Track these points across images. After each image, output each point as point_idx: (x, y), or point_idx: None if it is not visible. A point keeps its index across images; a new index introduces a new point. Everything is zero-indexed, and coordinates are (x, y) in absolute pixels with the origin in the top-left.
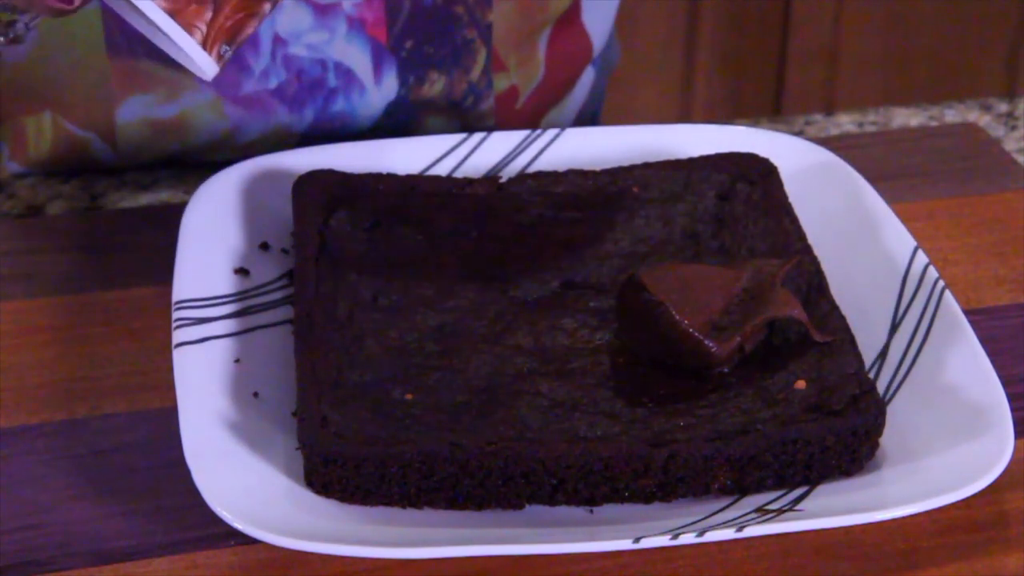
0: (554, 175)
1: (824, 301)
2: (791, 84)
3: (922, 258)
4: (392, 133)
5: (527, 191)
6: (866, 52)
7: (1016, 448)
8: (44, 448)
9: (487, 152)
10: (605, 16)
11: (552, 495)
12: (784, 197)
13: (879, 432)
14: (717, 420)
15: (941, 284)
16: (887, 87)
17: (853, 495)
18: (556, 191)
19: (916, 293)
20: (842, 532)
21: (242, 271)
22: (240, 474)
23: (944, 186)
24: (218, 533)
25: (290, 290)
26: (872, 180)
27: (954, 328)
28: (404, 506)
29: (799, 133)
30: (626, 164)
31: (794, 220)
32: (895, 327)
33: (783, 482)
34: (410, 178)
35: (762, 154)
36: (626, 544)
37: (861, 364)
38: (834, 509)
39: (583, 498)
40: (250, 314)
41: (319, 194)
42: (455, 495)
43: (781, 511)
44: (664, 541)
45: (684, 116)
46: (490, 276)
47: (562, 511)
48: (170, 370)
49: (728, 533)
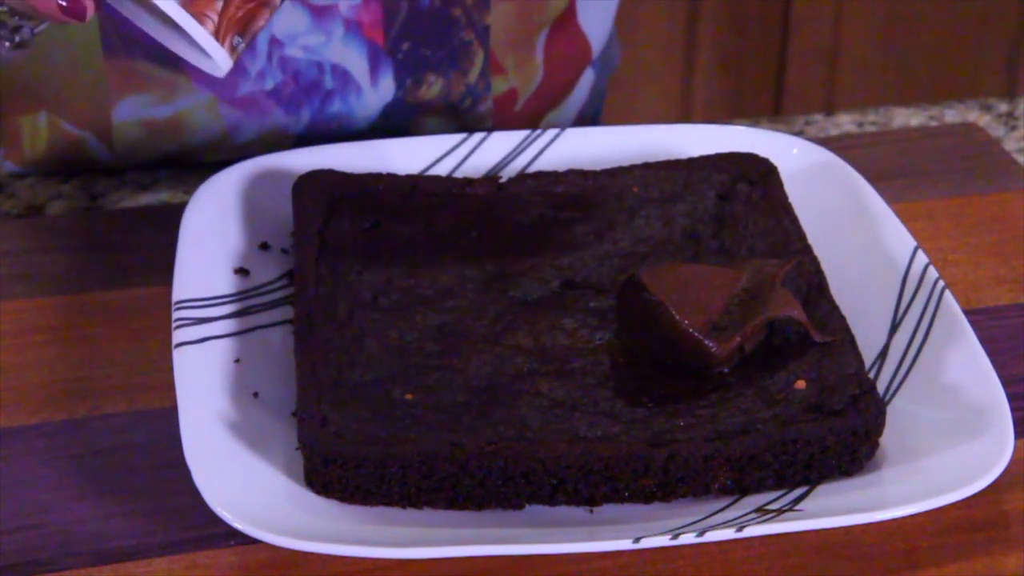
0: (554, 175)
1: (824, 301)
2: (791, 84)
3: (922, 258)
4: (389, 135)
5: (527, 191)
6: (866, 52)
7: (1016, 448)
8: (44, 448)
9: (487, 152)
10: (603, 18)
11: (552, 495)
12: (784, 197)
13: (879, 432)
14: (717, 420)
15: (941, 284)
16: (887, 87)
17: (853, 495)
18: (556, 191)
19: (916, 293)
20: (842, 532)
21: (242, 271)
22: (240, 474)
23: (944, 186)
24: (218, 533)
25: (290, 290)
26: (872, 180)
27: (954, 328)
28: (404, 506)
29: (799, 133)
30: (626, 164)
31: (794, 220)
32: (895, 327)
33: (783, 482)
34: (410, 178)
35: (762, 154)
36: (626, 544)
37: (861, 364)
38: (834, 509)
39: (583, 498)
40: (250, 314)
41: (319, 194)
42: (455, 495)
43: (781, 511)
44: (664, 541)
45: (684, 116)
46: (490, 276)
47: (562, 511)
48: (170, 370)
49: (728, 533)
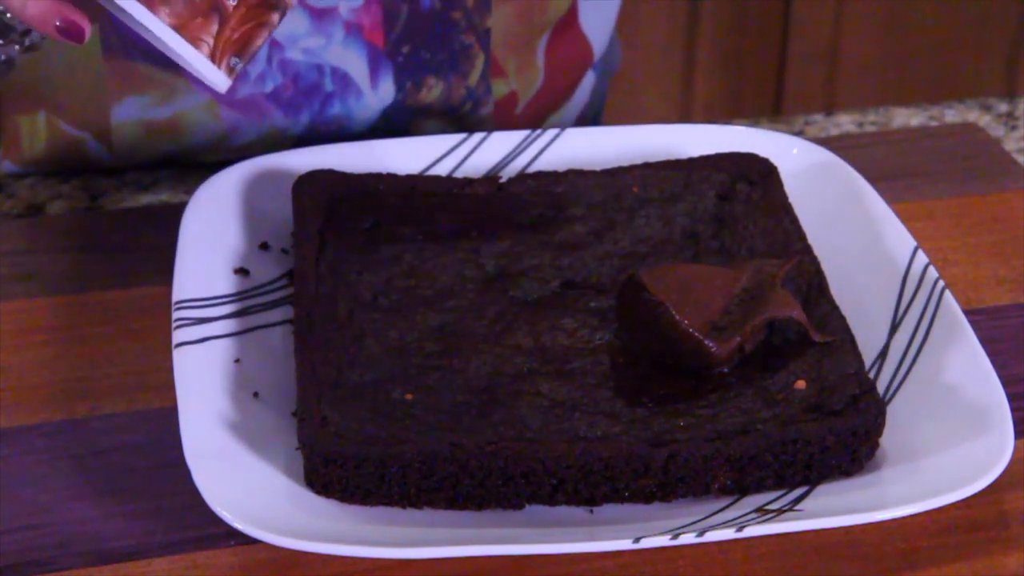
0: (554, 175)
1: (824, 301)
2: (791, 84)
3: (922, 258)
4: (389, 137)
5: (527, 191)
6: (866, 52)
7: (1016, 448)
8: (44, 448)
9: (487, 152)
10: (605, 20)
11: (552, 495)
12: (784, 197)
13: (879, 432)
14: (717, 420)
15: (941, 284)
16: (887, 87)
17: (853, 495)
18: (556, 191)
19: (916, 293)
20: (842, 532)
21: (242, 271)
22: (240, 474)
23: (944, 186)
24: (218, 533)
25: (290, 290)
26: (872, 180)
27: (954, 328)
28: (404, 506)
29: (799, 133)
30: (626, 164)
31: (794, 220)
32: (895, 327)
33: (783, 482)
34: (410, 178)
35: (762, 154)
36: (626, 544)
37: (861, 364)
38: (834, 509)
39: (583, 498)
40: (250, 314)
41: (319, 194)
42: (455, 495)
43: (781, 511)
44: (664, 541)
45: (684, 116)
46: (490, 276)
47: (562, 511)
48: (170, 370)
49: (728, 533)
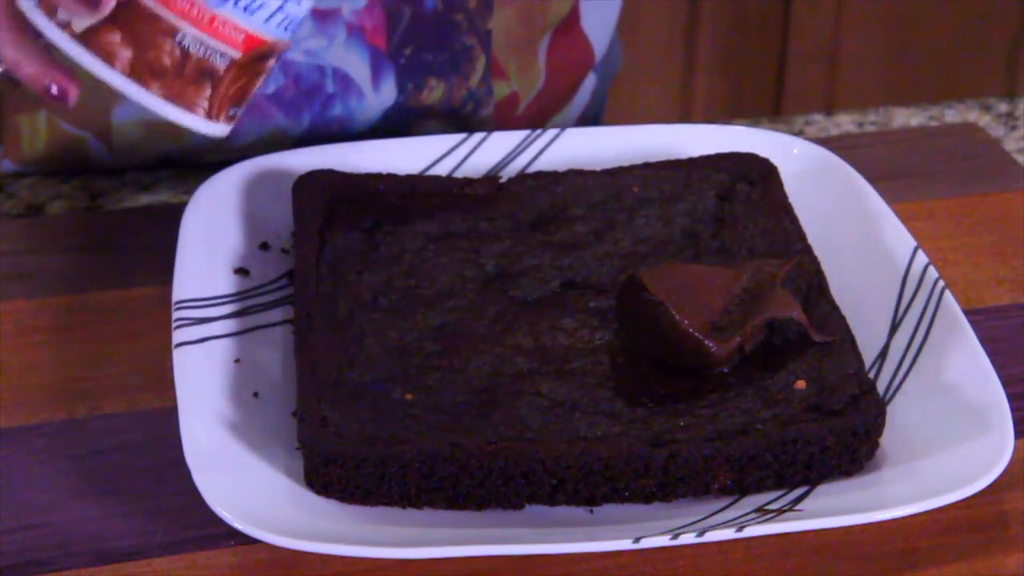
0: (554, 175)
1: (824, 301)
2: (791, 84)
3: (922, 258)
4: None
5: (527, 191)
6: (866, 52)
7: (1016, 448)
8: (44, 448)
9: (487, 152)
10: (606, 22)
11: (552, 495)
12: (784, 197)
13: (879, 432)
14: (717, 420)
15: (941, 284)
16: (887, 87)
17: (853, 495)
18: (556, 191)
19: (916, 293)
20: (842, 532)
21: (242, 271)
22: (240, 474)
23: (944, 186)
24: (218, 533)
25: (290, 290)
26: (872, 180)
27: (954, 328)
28: (404, 506)
29: (799, 133)
30: (626, 164)
31: (794, 220)
32: (895, 327)
33: (783, 482)
34: (410, 178)
35: (762, 154)
36: (626, 544)
37: (861, 364)
38: (834, 509)
39: (583, 498)
40: (250, 314)
41: (319, 194)
42: (455, 495)
43: (781, 511)
44: (664, 541)
45: (684, 116)
46: (490, 276)
47: (562, 511)
48: (170, 370)
49: (728, 533)
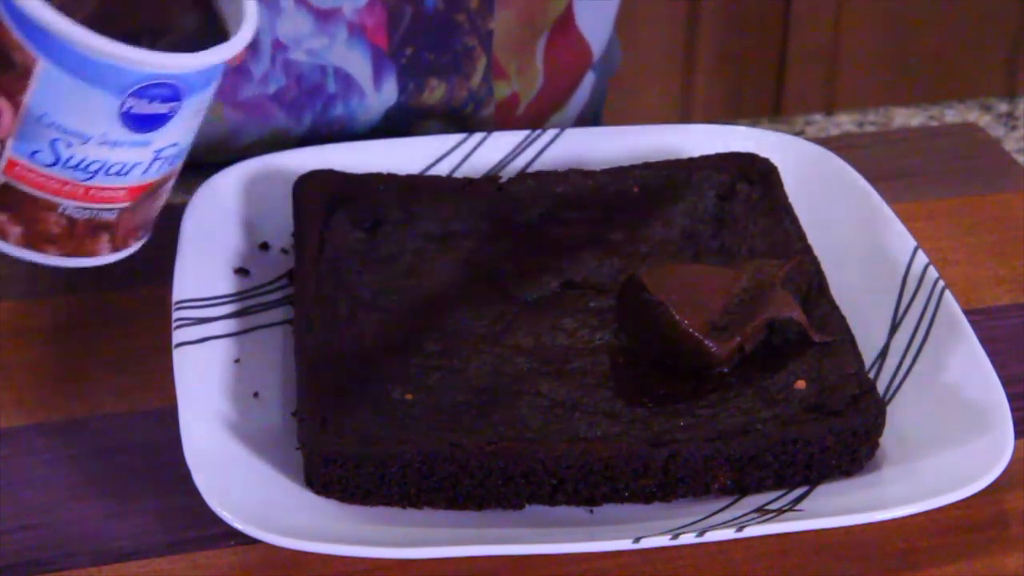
0: (554, 175)
1: (824, 301)
2: (791, 84)
3: (922, 258)
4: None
5: (527, 191)
6: (866, 52)
7: (1016, 448)
8: (44, 448)
9: (487, 152)
10: (603, 20)
11: (552, 495)
12: (784, 197)
13: (879, 432)
14: (717, 420)
15: (941, 284)
16: (887, 87)
17: (853, 495)
18: (556, 191)
19: (916, 293)
20: (842, 532)
21: (242, 271)
22: (240, 474)
23: (944, 186)
24: (218, 533)
25: (290, 290)
26: (872, 180)
27: (954, 328)
28: (404, 506)
29: (799, 133)
30: (626, 164)
31: (794, 220)
32: (895, 327)
33: (783, 482)
34: (410, 178)
35: (762, 154)
36: (626, 544)
37: (861, 364)
38: (834, 509)
39: (583, 498)
40: (250, 314)
41: (319, 194)
42: (455, 495)
43: (781, 511)
44: (664, 541)
45: (684, 116)
46: (490, 276)
47: (562, 511)
48: (170, 370)
49: (728, 533)
